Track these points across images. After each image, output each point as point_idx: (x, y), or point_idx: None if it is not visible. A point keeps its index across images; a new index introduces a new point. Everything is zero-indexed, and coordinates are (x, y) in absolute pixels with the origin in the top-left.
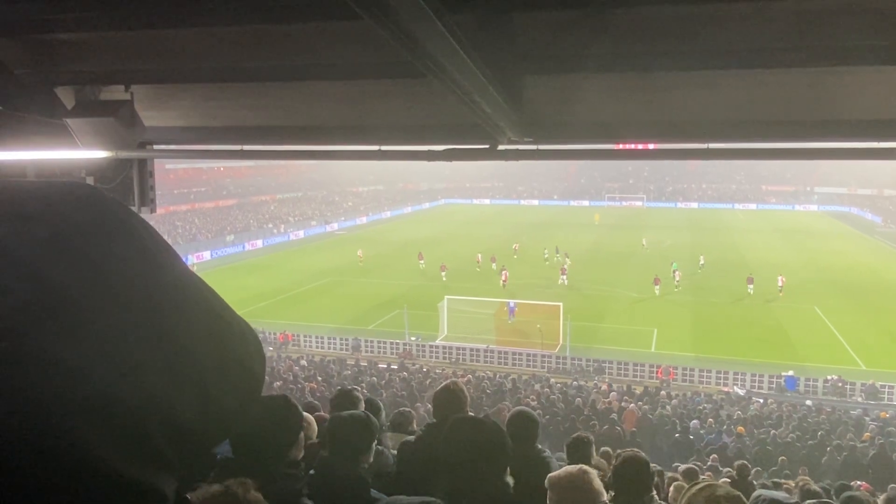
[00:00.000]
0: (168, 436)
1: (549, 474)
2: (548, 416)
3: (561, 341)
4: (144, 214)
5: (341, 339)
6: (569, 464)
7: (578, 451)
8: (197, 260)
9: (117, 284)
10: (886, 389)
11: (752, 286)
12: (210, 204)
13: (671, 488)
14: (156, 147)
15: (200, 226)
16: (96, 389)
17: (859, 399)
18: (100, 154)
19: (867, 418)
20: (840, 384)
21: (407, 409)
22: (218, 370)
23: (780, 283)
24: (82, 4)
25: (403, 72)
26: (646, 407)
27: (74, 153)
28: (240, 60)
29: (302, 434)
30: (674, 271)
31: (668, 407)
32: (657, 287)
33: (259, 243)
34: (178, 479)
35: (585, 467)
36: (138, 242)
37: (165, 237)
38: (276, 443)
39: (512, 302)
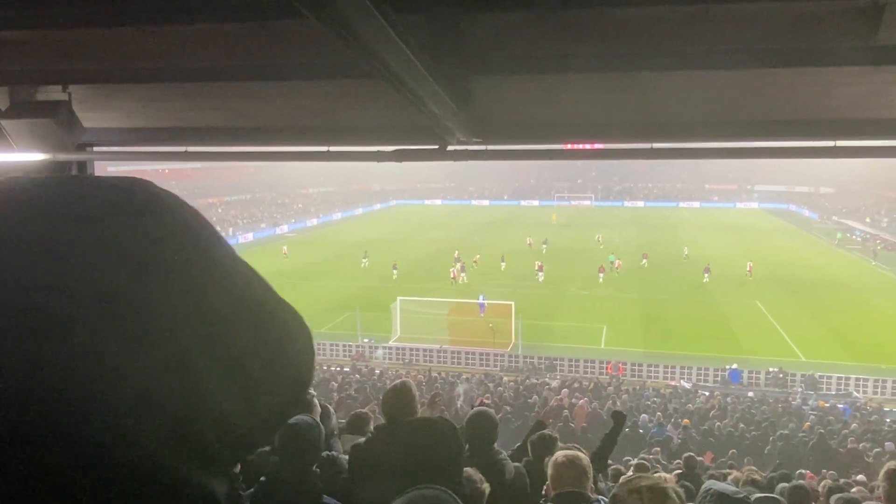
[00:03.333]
0: (217, 433)
1: (555, 456)
2: (500, 415)
3: (513, 340)
4: None
5: None
6: (532, 459)
7: (543, 449)
8: None
9: (165, 280)
10: (825, 380)
11: (707, 276)
12: None
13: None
14: (96, 149)
15: None
16: (144, 384)
17: (799, 389)
18: (36, 156)
19: (807, 407)
20: (781, 375)
21: (363, 410)
22: (262, 365)
23: (748, 269)
24: (17, 1)
25: (350, 72)
26: (596, 402)
27: (9, 155)
28: (183, 61)
29: None
30: (612, 262)
31: (617, 402)
32: (601, 275)
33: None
34: (229, 481)
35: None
36: (188, 236)
37: None
38: None
39: (482, 297)
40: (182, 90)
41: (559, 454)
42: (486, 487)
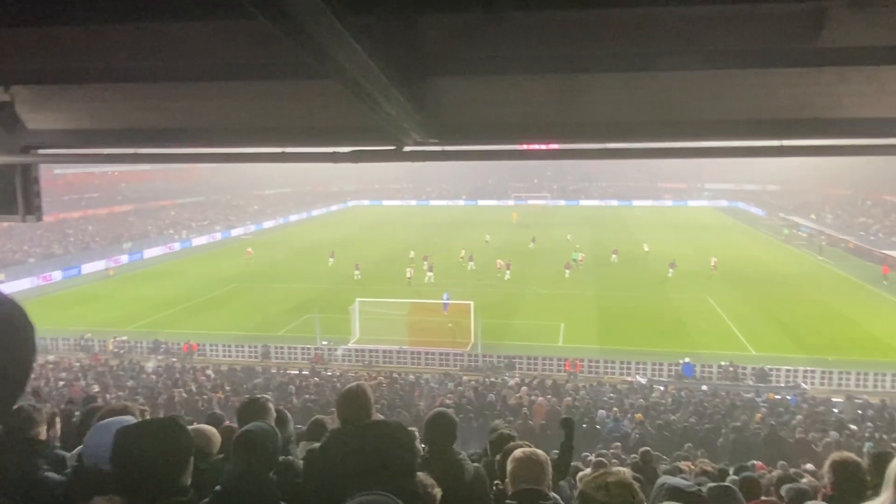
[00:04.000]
0: None
1: (513, 453)
2: (461, 415)
3: (472, 339)
4: (30, 223)
5: (250, 347)
6: (491, 458)
7: (501, 447)
8: (93, 269)
9: None
10: (774, 372)
11: (672, 270)
12: (104, 210)
13: (577, 478)
14: (41, 152)
15: (94, 233)
16: None
17: (750, 382)
18: None
19: (758, 400)
20: (732, 369)
21: (323, 416)
22: None
23: (713, 264)
24: None
25: (305, 73)
26: (554, 399)
27: None
28: (132, 60)
29: (192, 458)
30: (574, 259)
31: (576, 399)
32: (567, 271)
33: (159, 250)
34: None
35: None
36: None
37: (55, 245)
38: (164, 471)
39: (446, 295)
40: (130, 91)
41: (518, 451)
42: (438, 492)
